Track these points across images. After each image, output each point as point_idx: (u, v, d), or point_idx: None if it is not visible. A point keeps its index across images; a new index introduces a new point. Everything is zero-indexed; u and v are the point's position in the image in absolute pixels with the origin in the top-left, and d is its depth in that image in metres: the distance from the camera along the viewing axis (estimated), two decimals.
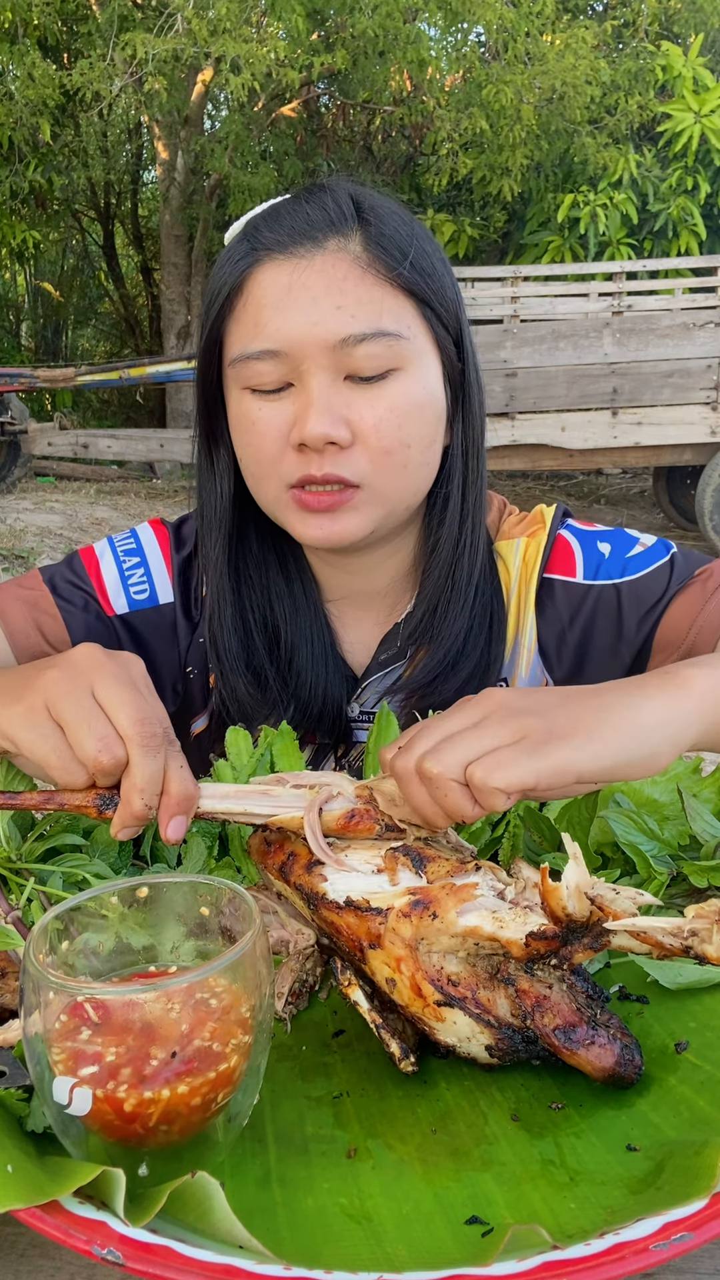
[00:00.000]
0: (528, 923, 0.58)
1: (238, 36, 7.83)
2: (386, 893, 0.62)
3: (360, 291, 0.88)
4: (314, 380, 0.88)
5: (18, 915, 0.70)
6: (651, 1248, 0.45)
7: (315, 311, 0.87)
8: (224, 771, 0.91)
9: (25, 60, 8.20)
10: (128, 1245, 0.46)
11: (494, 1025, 0.59)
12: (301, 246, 0.89)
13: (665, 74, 9.53)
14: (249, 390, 0.92)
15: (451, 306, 0.95)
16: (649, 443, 7.19)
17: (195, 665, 1.08)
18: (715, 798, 0.84)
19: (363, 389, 0.89)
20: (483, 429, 1.01)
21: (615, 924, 0.55)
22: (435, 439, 0.95)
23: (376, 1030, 0.62)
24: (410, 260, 0.90)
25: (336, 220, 0.90)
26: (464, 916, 0.59)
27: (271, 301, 0.89)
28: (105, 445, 8.75)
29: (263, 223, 0.92)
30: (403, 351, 0.90)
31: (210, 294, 0.94)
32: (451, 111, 9.30)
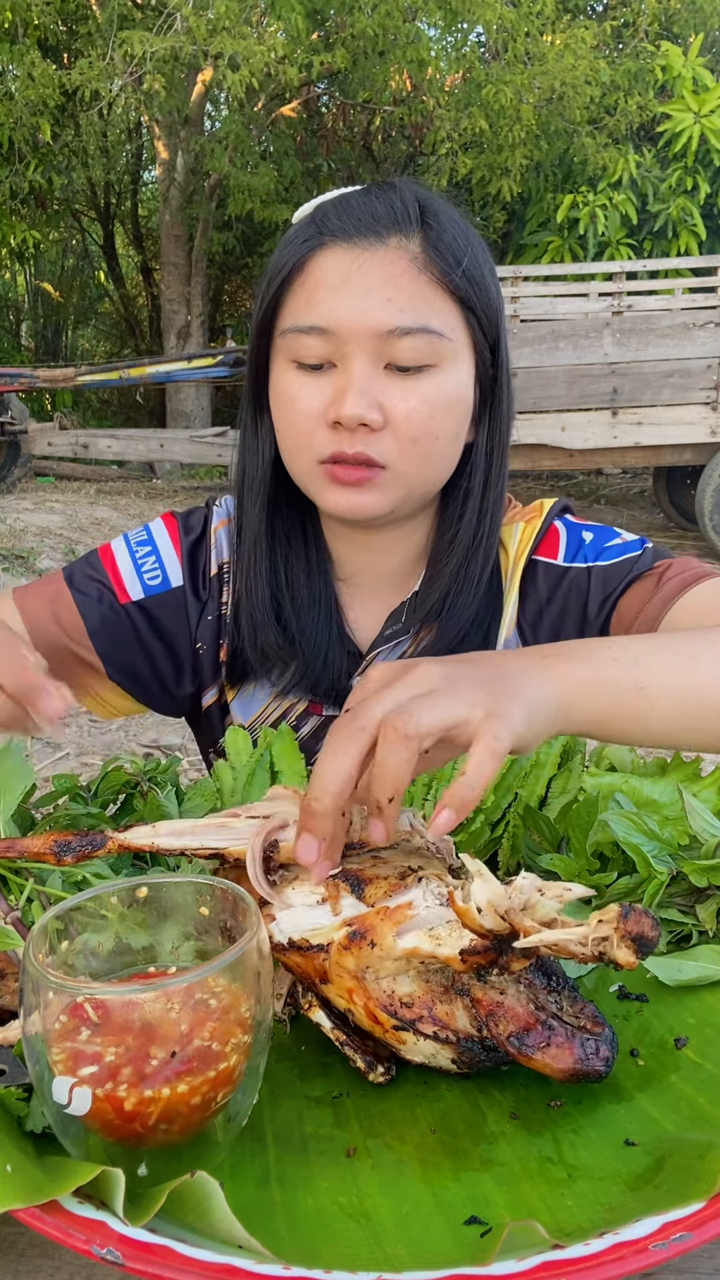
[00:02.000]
0: (463, 937, 0.57)
1: (237, 35, 7.83)
2: (325, 927, 0.62)
3: (413, 289, 0.94)
4: (355, 364, 0.94)
5: (17, 915, 0.70)
6: (651, 1247, 0.45)
7: (368, 300, 0.93)
8: (224, 773, 0.91)
9: (25, 60, 8.20)
10: (127, 1245, 0.46)
11: (453, 1041, 0.59)
12: (364, 238, 0.95)
13: (665, 74, 9.53)
14: (293, 364, 0.97)
15: (493, 315, 1.01)
16: (649, 443, 7.19)
17: (205, 640, 1.13)
18: (715, 797, 0.84)
19: (399, 379, 0.95)
20: (509, 432, 1.08)
21: (522, 942, 0.54)
22: (459, 434, 1.01)
23: (341, 1047, 0.62)
24: (463, 269, 0.96)
25: (401, 219, 0.96)
26: (402, 939, 0.59)
27: (329, 284, 0.95)
28: (105, 445, 8.75)
29: (331, 210, 0.98)
30: (442, 350, 0.95)
31: (273, 268, 1.00)
32: (451, 111, 9.30)
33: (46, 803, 0.85)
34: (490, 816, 0.86)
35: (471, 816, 0.86)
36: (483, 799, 0.86)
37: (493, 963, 0.57)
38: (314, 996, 0.64)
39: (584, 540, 1.11)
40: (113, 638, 1.09)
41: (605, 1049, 0.58)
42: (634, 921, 0.52)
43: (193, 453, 8.66)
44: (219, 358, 8.49)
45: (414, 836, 0.69)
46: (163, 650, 1.11)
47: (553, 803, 0.88)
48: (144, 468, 10.08)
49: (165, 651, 1.12)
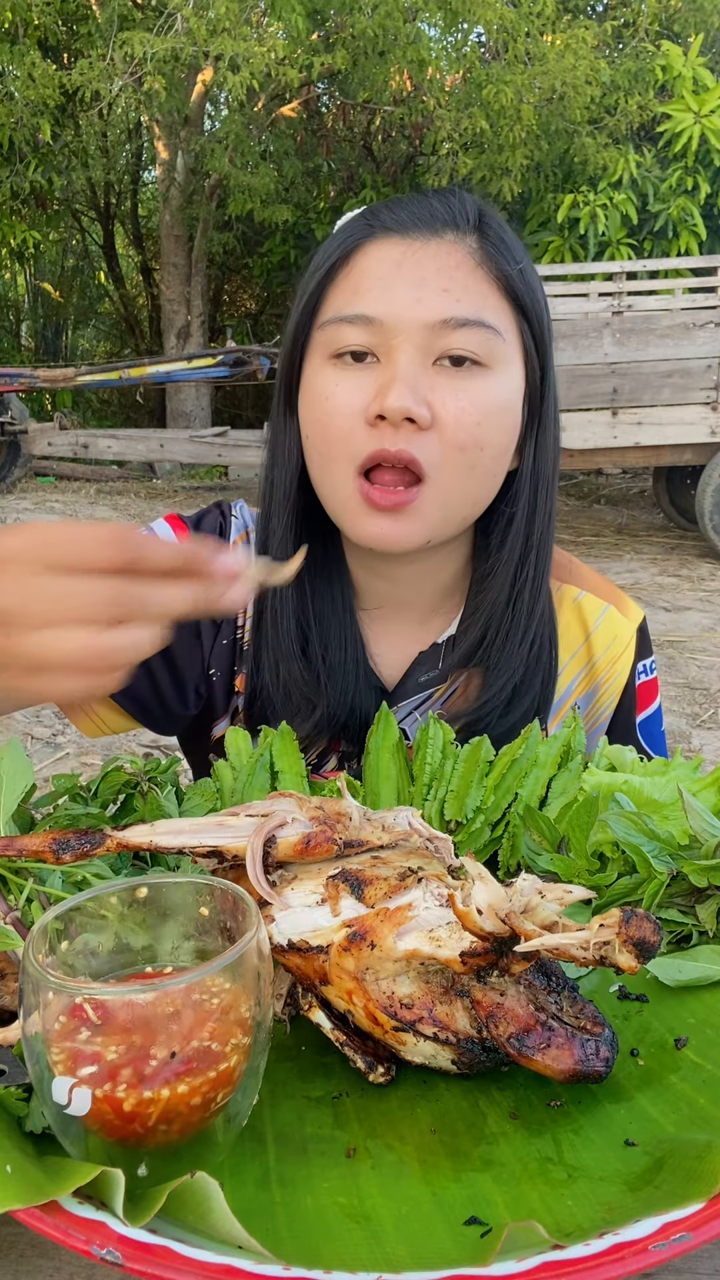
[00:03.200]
0: (463, 939, 0.57)
1: (237, 35, 7.83)
2: (326, 928, 0.61)
3: (470, 282, 0.89)
4: (403, 355, 0.88)
5: (17, 916, 0.70)
6: (651, 1248, 0.45)
7: (421, 289, 0.88)
8: (224, 773, 0.91)
9: (25, 60, 8.20)
10: (127, 1245, 0.46)
11: (453, 1042, 0.59)
12: (419, 231, 0.90)
13: (665, 74, 9.52)
14: (330, 359, 0.91)
15: (545, 332, 0.96)
16: (649, 443, 7.19)
17: (219, 668, 1.07)
18: (715, 797, 0.84)
19: (449, 376, 0.89)
20: (557, 462, 1.01)
21: (523, 946, 0.54)
22: (506, 452, 0.94)
23: (341, 1047, 0.62)
24: (521, 269, 0.92)
25: (459, 218, 0.92)
26: (402, 940, 0.59)
27: (378, 273, 0.90)
28: (105, 445, 8.75)
29: (384, 207, 0.94)
30: (496, 349, 0.90)
31: (316, 261, 0.95)
32: (451, 111, 9.30)
33: (46, 803, 0.85)
34: (490, 817, 0.86)
35: (471, 816, 0.86)
36: (483, 800, 0.86)
37: (493, 965, 0.57)
38: (314, 997, 0.64)
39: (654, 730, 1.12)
40: None
41: (605, 1049, 0.58)
42: (636, 926, 0.52)
43: (193, 453, 8.66)
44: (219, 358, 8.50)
45: (413, 837, 0.68)
46: (166, 670, 1.05)
47: (553, 803, 0.88)
48: (144, 468, 10.09)
49: (169, 671, 1.05)
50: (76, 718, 1.07)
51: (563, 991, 0.60)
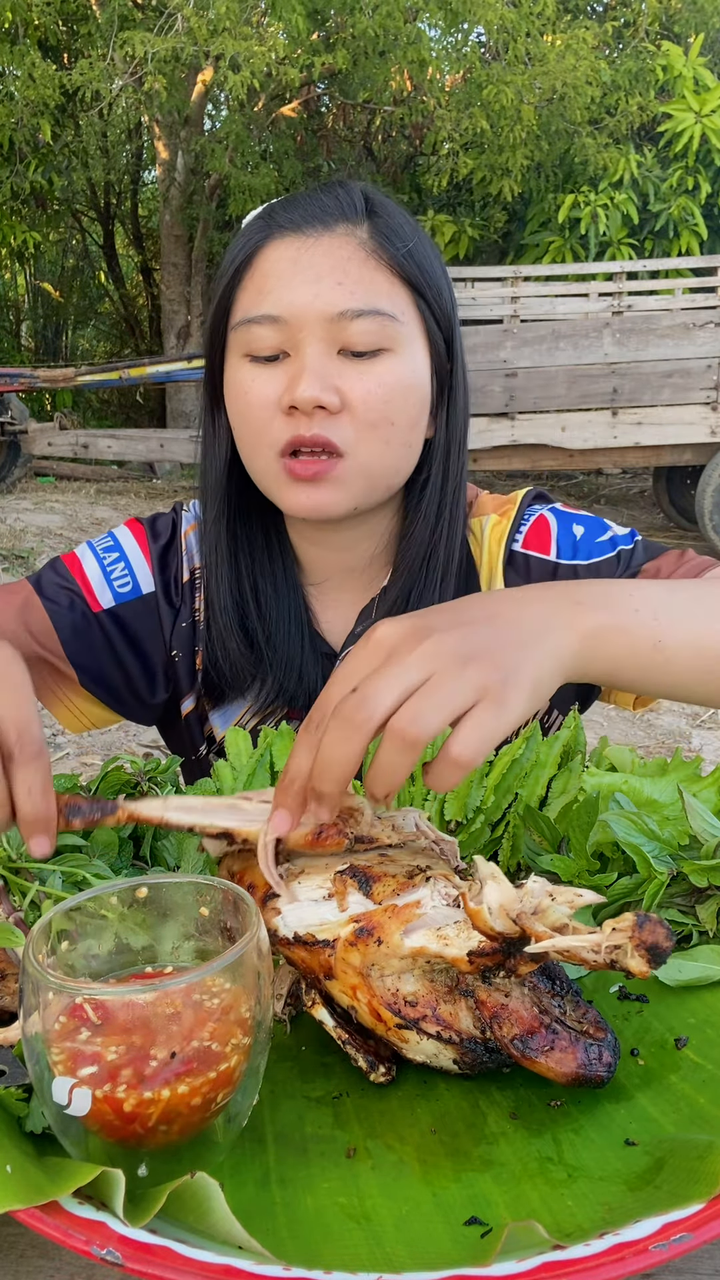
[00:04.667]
0: (470, 939, 0.57)
1: (238, 35, 7.83)
2: (332, 922, 0.62)
3: (362, 273, 0.94)
4: (309, 349, 0.94)
5: (19, 916, 0.70)
6: (651, 1248, 0.45)
7: (318, 285, 0.93)
8: (224, 773, 0.91)
9: (25, 60, 8.20)
10: (127, 1246, 0.46)
11: (456, 1041, 0.59)
12: (312, 227, 0.96)
13: (666, 74, 9.52)
14: (247, 358, 0.97)
15: (445, 307, 1.01)
16: (649, 443, 7.19)
17: (180, 648, 1.12)
18: (715, 797, 0.84)
19: (354, 363, 0.95)
20: (466, 427, 1.08)
21: (535, 947, 0.54)
22: (417, 423, 1.00)
23: (343, 1045, 0.62)
24: (409, 250, 0.97)
25: (348, 210, 0.97)
26: (409, 937, 0.59)
27: (278, 272, 0.95)
28: (105, 445, 8.74)
29: (279, 206, 0.99)
30: (395, 333, 0.95)
31: (224, 265, 1.01)
32: (452, 112, 9.30)
33: None
34: (490, 817, 0.86)
35: (471, 816, 0.86)
36: (483, 800, 0.86)
37: (499, 965, 0.57)
38: (317, 993, 0.64)
39: (575, 536, 1.10)
40: (85, 647, 1.08)
41: (608, 1054, 0.58)
42: (649, 931, 0.53)
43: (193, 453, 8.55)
44: None
45: (420, 838, 0.68)
46: (135, 658, 1.10)
47: (553, 803, 0.88)
48: (144, 468, 10.08)
49: (138, 660, 1.11)
50: (56, 709, 1.11)
51: (566, 995, 0.60)
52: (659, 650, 0.71)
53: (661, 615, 0.71)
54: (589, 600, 0.69)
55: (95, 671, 1.09)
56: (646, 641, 0.71)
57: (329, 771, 0.59)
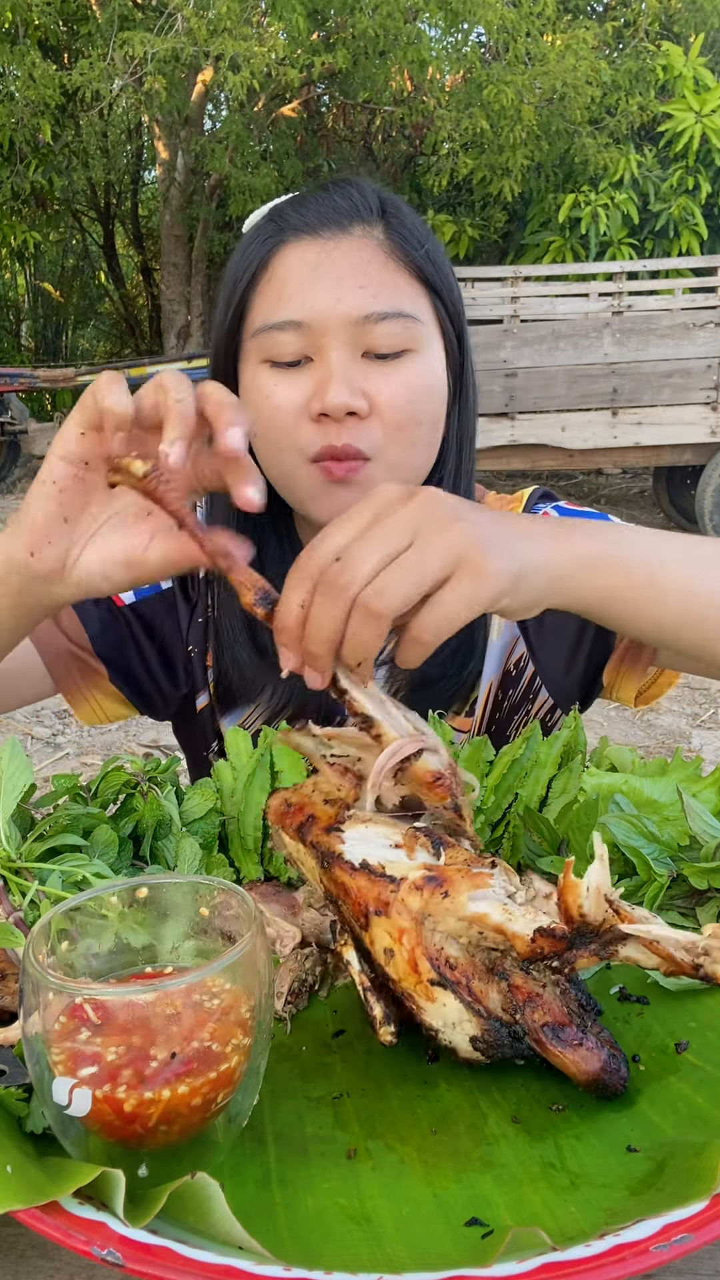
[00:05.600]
0: (537, 919, 0.58)
1: (238, 35, 7.82)
2: (403, 864, 0.62)
3: (383, 275, 0.94)
4: (334, 354, 0.93)
5: (20, 916, 0.70)
6: (652, 1249, 0.45)
7: (340, 289, 0.93)
8: (224, 773, 0.91)
9: (26, 60, 8.20)
10: (127, 1246, 0.46)
11: (483, 1015, 0.59)
12: (328, 230, 0.95)
13: (666, 74, 9.52)
14: (266, 364, 0.96)
15: (457, 303, 1.02)
16: (649, 443, 7.19)
17: (195, 644, 1.13)
18: (715, 798, 0.84)
19: (379, 366, 0.94)
20: (475, 424, 1.08)
21: (631, 927, 0.55)
22: (439, 421, 1.00)
23: (363, 993, 0.62)
24: (426, 251, 0.97)
25: (363, 210, 0.96)
26: (474, 902, 0.59)
27: (297, 278, 0.94)
28: None
29: (289, 208, 0.98)
30: (417, 334, 0.95)
31: (236, 271, 0.99)
32: (452, 112, 9.29)
33: (46, 803, 0.85)
34: (490, 817, 0.86)
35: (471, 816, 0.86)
36: (483, 800, 0.86)
37: (557, 954, 0.57)
38: (349, 936, 0.63)
39: None
40: (113, 642, 1.09)
41: (625, 1070, 0.58)
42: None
43: None
44: None
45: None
46: (156, 654, 1.11)
47: (553, 803, 0.88)
48: None
49: (159, 655, 1.12)
50: (79, 704, 1.12)
51: (589, 1010, 0.60)
52: (651, 586, 0.73)
53: (654, 555, 0.74)
54: (584, 530, 0.72)
55: (122, 667, 1.10)
56: (639, 575, 0.73)
57: (318, 634, 0.62)
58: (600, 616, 0.75)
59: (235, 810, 0.88)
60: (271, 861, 0.88)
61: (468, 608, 0.62)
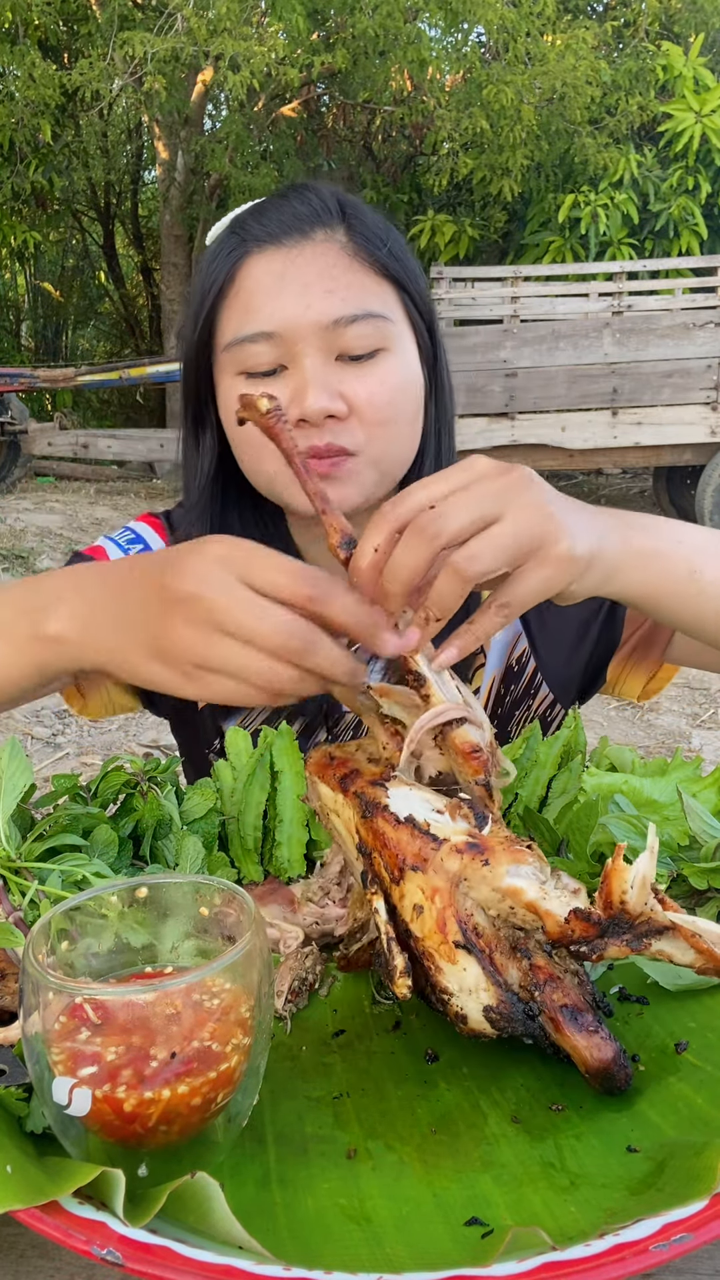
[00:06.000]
0: (572, 902, 0.58)
1: (238, 35, 7.82)
2: (447, 826, 0.62)
3: (349, 277, 0.95)
4: (308, 360, 0.94)
5: (20, 916, 0.70)
6: (651, 1249, 0.45)
7: (308, 296, 0.94)
8: (224, 773, 0.91)
9: (26, 60, 8.19)
10: (127, 1246, 0.46)
11: (501, 986, 0.59)
12: (290, 238, 0.96)
13: (666, 74, 9.51)
14: (242, 375, 0.97)
15: (424, 295, 1.03)
16: (649, 443, 7.19)
17: None
18: (715, 798, 0.84)
19: (353, 367, 0.96)
20: (453, 410, 1.10)
21: (678, 917, 0.55)
22: (418, 414, 1.02)
23: (386, 942, 0.61)
24: (388, 248, 0.98)
25: (322, 214, 0.97)
26: (512, 876, 0.59)
27: (264, 288, 0.95)
28: (105, 445, 8.74)
29: (250, 218, 0.99)
30: (388, 332, 0.96)
31: (202, 287, 1.00)
32: (452, 111, 9.29)
33: (46, 803, 0.85)
34: None
35: None
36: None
37: (587, 939, 0.57)
38: (380, 889, 0.63)
39: None
40: None
41: (630, 1069, 0.58)
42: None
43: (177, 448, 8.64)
44: None
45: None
46: None
47: (553, 803, 0.88)
48: (144, 468, 10.08)
49: None
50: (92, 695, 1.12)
51: (601, 1007, 0.60)
52: (694, 580, 0.78)
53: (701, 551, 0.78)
54: (638, 525, 0.76)
55: None
56: (684, 570, 0.77)
57: (397, 574, 0.64)
58: (647, 609, 0.79)
59: (235, 810, 0.89)
60: (272, 861, 0.88)
61: (544, 590, 0.66)
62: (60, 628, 0.73)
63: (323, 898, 0.79)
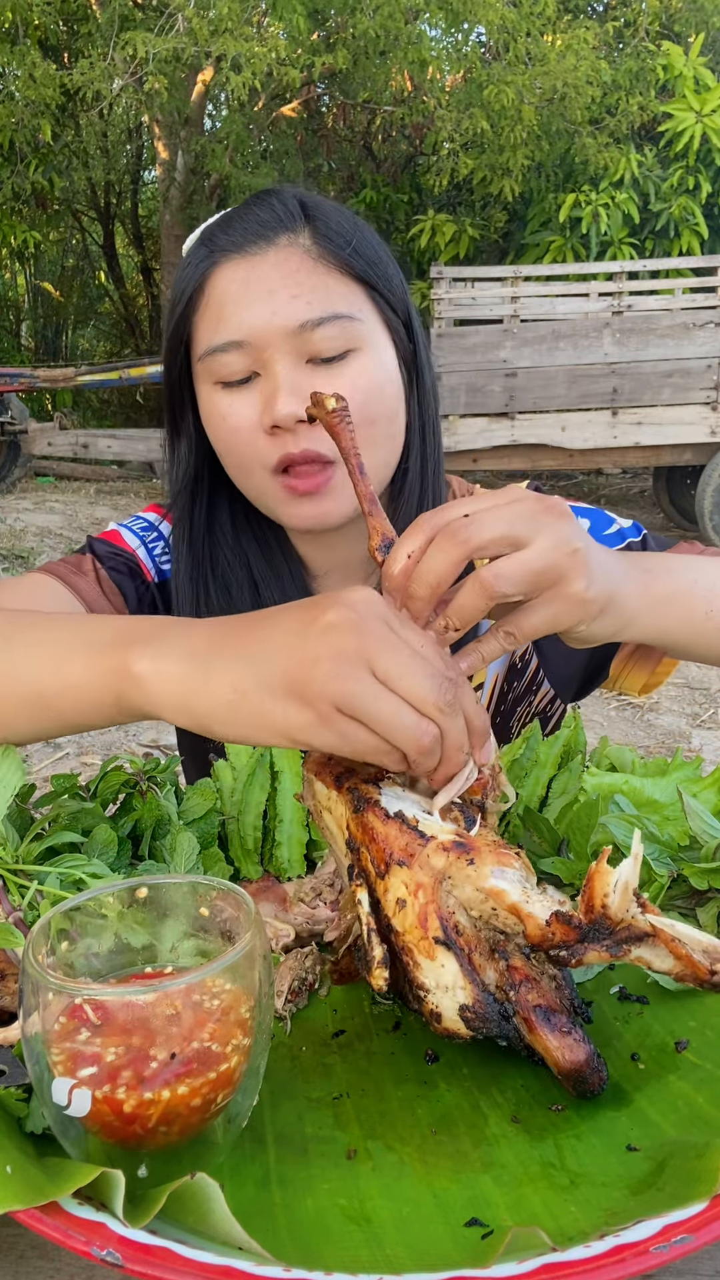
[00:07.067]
0: (553, 906, 0.58)
1: (238, 36, 7.82)
2: (436, 825, 0.63)
3: (313, 280, 0.95)
4: (278, 365, 0.94)
5: (19, 916, 0.70)
6: (652, 1250, 0.45)
7: (273, 301, 0.94)
8: (224, 773, 0.91)
9: (26, 60, 8.19)
10: (127, 1246, 0.46)
11: (478, 985, 0.59)
12: (254, 245, 0.96)
13: (666, 74, 9.51)
14: (218, 385, 0.98)
15: (399, 292, 1.02)
16: (649, 443, 7.19)
17: None
18: (715, 798, 0.84)
19: (324, 370, 0.96)
20: (437, 406, 1.09)
21: (658, 921, 0.55)
22: (396, 414, 1.01)
23: (367, 933, 0.61)
24: (354, 248, 0.98)
25: (285, 219, 0.97)
26: (496, 878, 0.59)
27: (232, 297, 0.96)
28: (105, 445, 8.75)
29: (217, 229, 0.99)
30: (358, 333, 0.96)
31: (174, 298, 1.01)
32: (452, 112, 9.29)
33: (46, 802, 0.85)
34: None
35: None
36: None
37: (567, 944, 0.57)
38: (365, 882, 0.64)
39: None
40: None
41: (605, 1074, 0.58)
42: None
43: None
44: None
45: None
46: None
47: (553, 803, 0.88)
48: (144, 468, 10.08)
49: None
50: None
51: (579, 1014, 0.60)
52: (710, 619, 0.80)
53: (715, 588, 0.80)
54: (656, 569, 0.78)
55: None
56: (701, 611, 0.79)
57: (424, 577, 0.64)
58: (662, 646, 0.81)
59: (235, 810, 0.88)
60: (272, 862, 0.88)
61: (551, 625, 0.67)
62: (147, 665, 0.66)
63: (314, 898, 0.80)
